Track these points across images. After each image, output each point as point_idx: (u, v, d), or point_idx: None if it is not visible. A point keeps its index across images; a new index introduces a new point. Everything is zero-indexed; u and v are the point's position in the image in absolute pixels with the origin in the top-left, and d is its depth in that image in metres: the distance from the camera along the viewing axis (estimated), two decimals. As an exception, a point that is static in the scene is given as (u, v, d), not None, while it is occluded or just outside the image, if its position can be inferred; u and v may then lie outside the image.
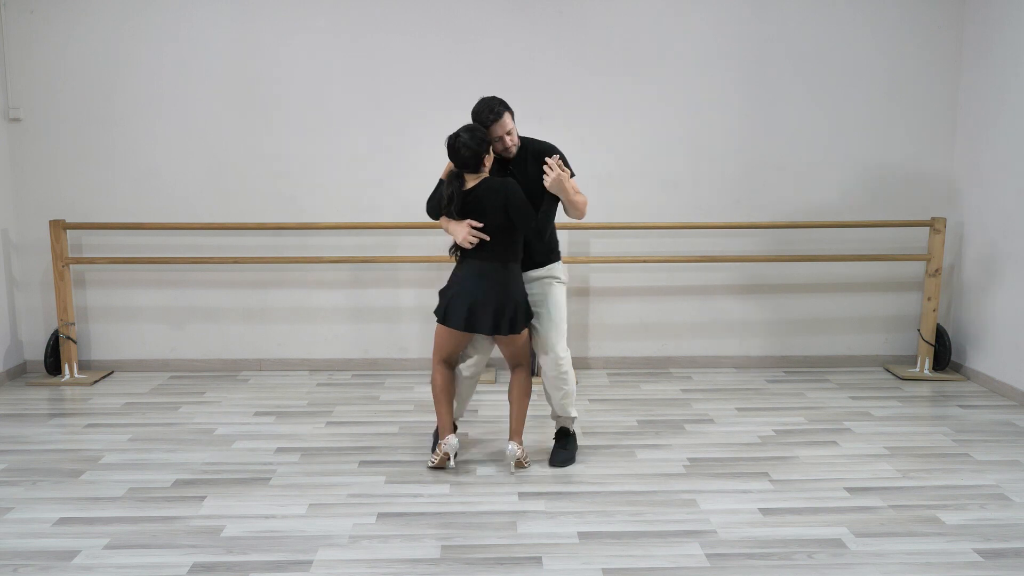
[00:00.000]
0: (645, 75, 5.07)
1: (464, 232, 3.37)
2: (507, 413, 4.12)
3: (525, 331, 3.55)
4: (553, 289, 3.56)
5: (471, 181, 3.41)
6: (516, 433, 3.59)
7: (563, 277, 3.63)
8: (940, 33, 5.06)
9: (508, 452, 3.54)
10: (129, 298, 5.20)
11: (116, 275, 5.17)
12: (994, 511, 3.17)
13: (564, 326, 3.56)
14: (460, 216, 3.41)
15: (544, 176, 3.33)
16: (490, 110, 3.35)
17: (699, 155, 5.14)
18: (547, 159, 3.33)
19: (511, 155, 3.45)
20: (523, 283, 3.51)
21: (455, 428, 3.69)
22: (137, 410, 4.44)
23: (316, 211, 5.12)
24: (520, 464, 3.57)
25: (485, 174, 3.43)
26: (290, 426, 4.17)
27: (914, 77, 5.10)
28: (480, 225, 3.37)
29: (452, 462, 3.55)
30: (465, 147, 3.32)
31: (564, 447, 3.70)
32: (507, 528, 3.03)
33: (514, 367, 3.63)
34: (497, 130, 3.36)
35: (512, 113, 3.41)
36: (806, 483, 3.43)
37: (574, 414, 3.67)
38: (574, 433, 3.76)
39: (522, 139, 3.50)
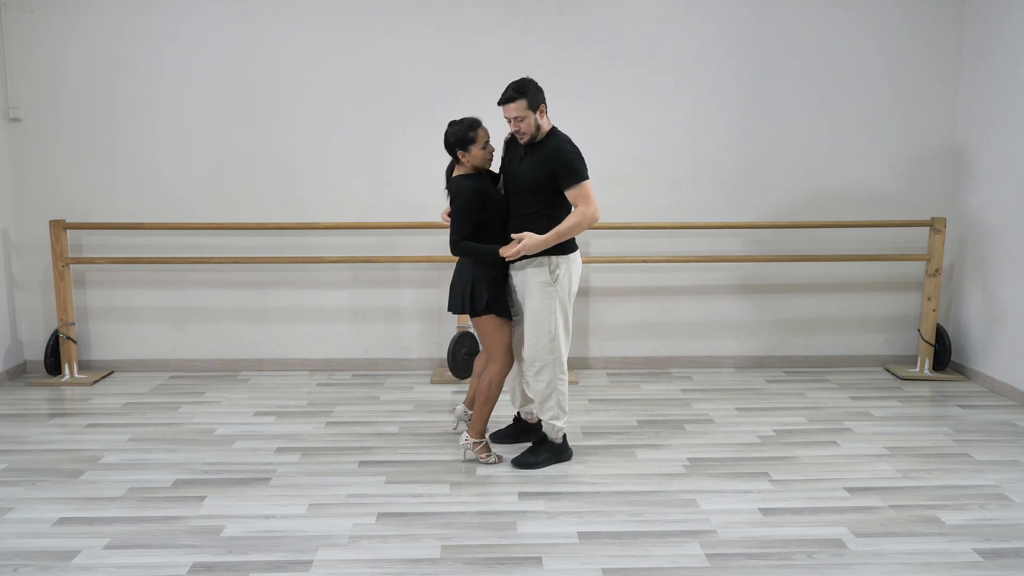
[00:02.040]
0: (645, 75, 5.06)
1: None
2: (509, 416, 4.12)
3: (492, 325, 3.49)
4: (533, 291, 3.45)
5: (457, 170, 3.55)
6: (471, 427, 3.66)
7: (547, 277, 3.43)
8: (940, 33, 5.06)
9: (460, 442, 3.70)
10: (129, 298, 5.20)
11: (116, 275, 5.17)
12: (994, 511, 3.17)
13: (539, 328, 3.44)
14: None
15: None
16: (504, 92, 3.39)
17: (699, 155, 5.14)
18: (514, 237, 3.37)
19: (522, 140, 3.43)
20: (479, 269, 3.47)
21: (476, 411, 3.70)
22: (137, 410, 4.44)
23: (316, 211, 5.12)
24: (477, 459, 3.65)
25: (466, 167, 3.49)
26: (290, 426, 4.17)
27: (914, 77, 5.10)
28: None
29: (455, 427, 4.04)
30: (445, 136, 3.50)
31: (531, 451, 3.62)
32: (507, 528, 3.03)
33: (487, 361, 3.61)
34: (504, 112, 3.40)
35: (532, 101, 3.35)
36: (806, 483, 3.43)
37: (549, 418, 3.55)
38: (556, 444, 3.62)
39: (556, 132, 3.47)
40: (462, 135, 3.42)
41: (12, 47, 4.93)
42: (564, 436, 3.65)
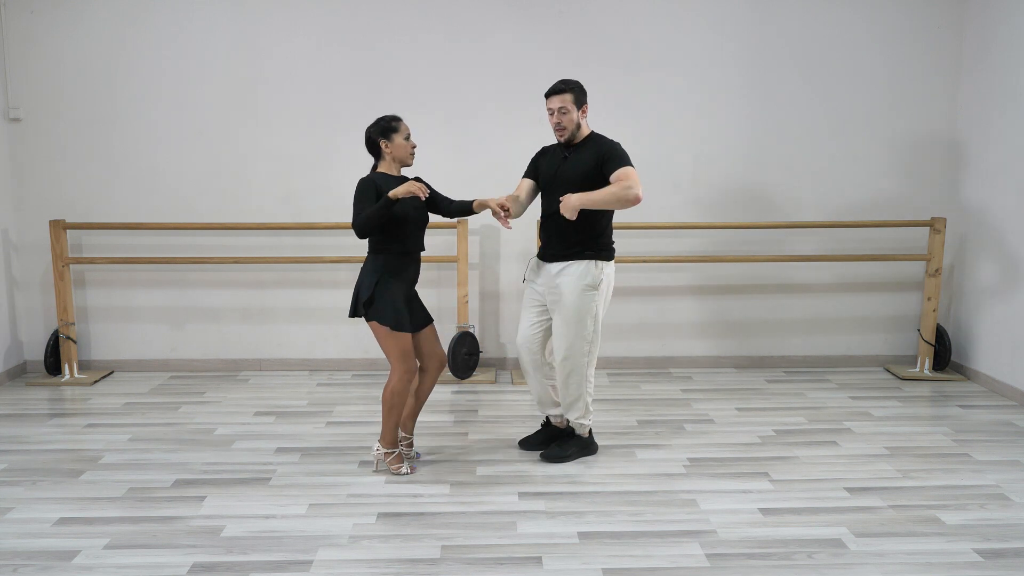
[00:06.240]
0: (645, 75, 5.07)
1: None
2: (505, 413, 4.13)
3: (383, 333, 3.35)
4: (573, 294, 3.47)
5: (380, 167, 3.48)
6: (381, 437, 3.52)
7: (591, 280, 3.46)
8: (940, 33, 5.07)
9: (372, 452, 3.59)
10: (129, 298, 5.20)
11: (116, 275, 5.17)
12: (994, 511, 3.17)
13: (579, 331, 3.47)
14: None
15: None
16: (553, 84, 3.51)
17: (699, 155, 5.15)
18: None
19: (561, 137, 3.51)
20: (372, 275, 3.36)
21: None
22: (137, 410, 4.44)
23: (316, 211, 5.12)
24: (389, 470, 3.52)
25: (388, 162, 3.44)
26: (290, 426, 4.17)
27: (914, 77, 5.10)
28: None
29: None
30: (366, 133, 3.44)
31: (560, 444, 3.71)
32: (507, 528, 3.03)
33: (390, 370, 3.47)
34: (548, 104, 3.49)
35: (577, 97, 3.46)
36: (806, 483, 3.43)
37: (576, 418, 3.64)
38: (584, 438, 3.72)
39: (595, 135, 3.56)
40: (385, 125, 3.40)
41: (12, 47, 4.93)
42: (590, 431, 3.76)
